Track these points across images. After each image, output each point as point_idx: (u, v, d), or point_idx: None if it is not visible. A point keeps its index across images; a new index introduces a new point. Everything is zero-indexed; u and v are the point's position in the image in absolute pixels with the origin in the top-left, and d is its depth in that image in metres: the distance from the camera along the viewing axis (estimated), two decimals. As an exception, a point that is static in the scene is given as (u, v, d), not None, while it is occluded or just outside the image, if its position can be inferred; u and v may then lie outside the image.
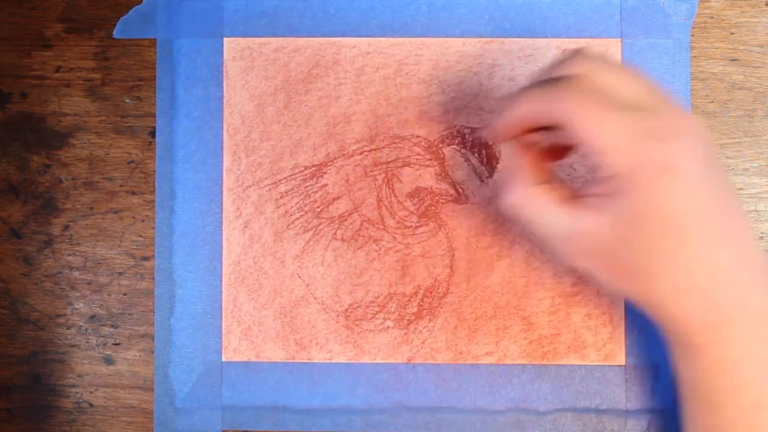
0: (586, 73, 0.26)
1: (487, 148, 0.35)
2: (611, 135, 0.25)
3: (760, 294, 0.26)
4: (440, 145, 0.35)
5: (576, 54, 0.27)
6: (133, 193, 0.36)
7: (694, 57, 0.35)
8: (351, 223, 0.35)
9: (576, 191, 0.28)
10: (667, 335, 0.28)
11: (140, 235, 0.36)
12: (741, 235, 0.27)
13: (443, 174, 0.35)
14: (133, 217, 0.36)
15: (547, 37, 0.35)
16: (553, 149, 0.29)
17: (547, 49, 0.35)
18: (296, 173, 0.35)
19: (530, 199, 0.28)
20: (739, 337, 0.26)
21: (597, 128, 0.25)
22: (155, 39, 0.36)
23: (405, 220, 0.35)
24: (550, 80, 0.27)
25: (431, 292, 0.35)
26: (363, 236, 0.35)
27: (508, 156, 0.29)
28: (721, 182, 0.26)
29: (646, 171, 0.25)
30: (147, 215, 0.36)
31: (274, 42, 0.36)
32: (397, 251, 0.35)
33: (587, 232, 0.27)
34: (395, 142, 0.35)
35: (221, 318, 0.35)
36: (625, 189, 0.25)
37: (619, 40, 0.35)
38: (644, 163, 0.25)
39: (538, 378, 0.34)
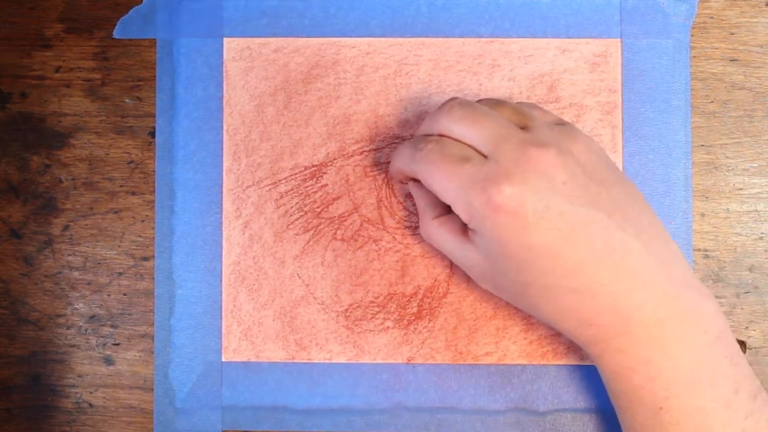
0: (443, 130, 0.29)
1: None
2: (451, 188, 0.28)
3: (639, 305, 0.27)
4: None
5: (441, 108, 0.29)
6: (133, 193, 0.36)
7: (694, 57, 0.35)
8: (351, 223, 0.35)
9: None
10: None
11: (140, 235, 0.36)
12: (615, 250, 0.27)
13: (443, 174, 0.35)
14: (133, 217, 0.36)
15: (547, 37, 0.35)
16: None
17: (547, 49, 0.35)
18: (296, 173, 0.35)
19: (432, 230, 0.31)
20: (621, 347, 0.28)
21: (441, 183, 0.28)
22: (155, 39, 0.36)
23: (405, 220, 0.35)
24: (415, 140, 0.30)
25: (431, 292, 0.35)
26: (363, 236, 0.35)
27: (413, 193, 0.32)
28: (579, 206, 0.27)
29: (481, 214, 0.27)
30: (147, 215, 0.36)
31: (274, 42, 0.36)
32: (397, 251, 0.35)
33: (473, 262, 0.30)
34: (395, 142, 0.35)
35: (221, 318, 0.35)
36: (477, 230, 0.28)
37: (619, 40, 0.35)
38: (477, 207, 0.27)
39: (538, 378, 0.34)
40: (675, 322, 0.27)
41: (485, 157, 0.28)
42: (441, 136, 0.29)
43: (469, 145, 0.28)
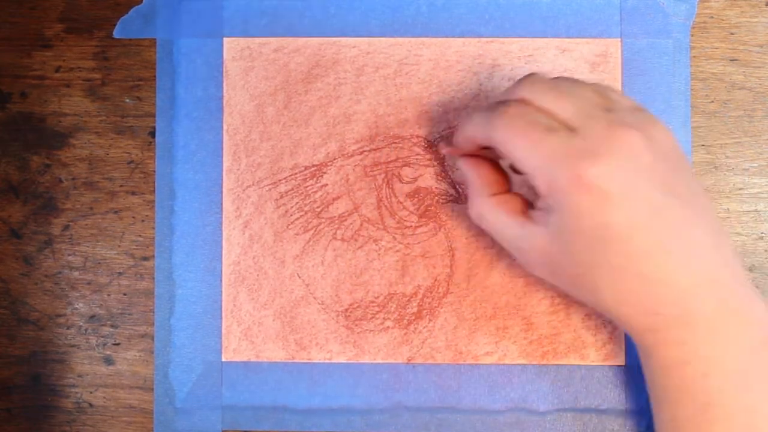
0: (527, 98, 0.28)
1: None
2: (535, 158, 0.27)
3: (704, 299, 0.27)
4: (440, 145, 0.35)
5: (522, 79, 0.29)
6: (133, 193, 0.36)
7: (694, 57, 0.35)
8: (351, 223, 0.35)
9: (531, 202, 0.30)
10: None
11: (140, 235, 0.36)
12: (686, 242, 0.27)
13: (443, 174, 0.35)
14: (133, 217, 0.36)
15: (547, 37, 0.35)
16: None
17: (547, 49, 0.35)
18: (296, 173, 0.35)
19: (487, 209, 0.30)
20: (681, 340, 0.28)
21: (523, 152, 0.27)
22: (155, 39, 0.36)
23: (405, 220, 0.35)
24: (492, 105, 0.29)
25: (431, 292, 0.35)
26: (363, 236, 0.35)
27: (464, 170, 0.31)
28: (660, 193, 0.27)
29: (565, 190, 0.27)
30: (147, 215, 0.36)
31: (274, 42, 0.36)
32: (397, 251, 0.35)
33: (534, 244, 0.29)
34: (395, 142, 0.35)
35: (221, 318, 0.35)
36: (553, 206, 0.27)
37: (619, 40, 0.35)
38: (562, 182, 0.26)
39: (538, 378, 0.34)
40: (735, 320, 0.27)
41: (571, 131, 0.27)
42: (523, 102, 0.28)
43: (554, 117, 0.27)
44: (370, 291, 0.35)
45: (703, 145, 0.35)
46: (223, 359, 0.35)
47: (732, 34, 0.35)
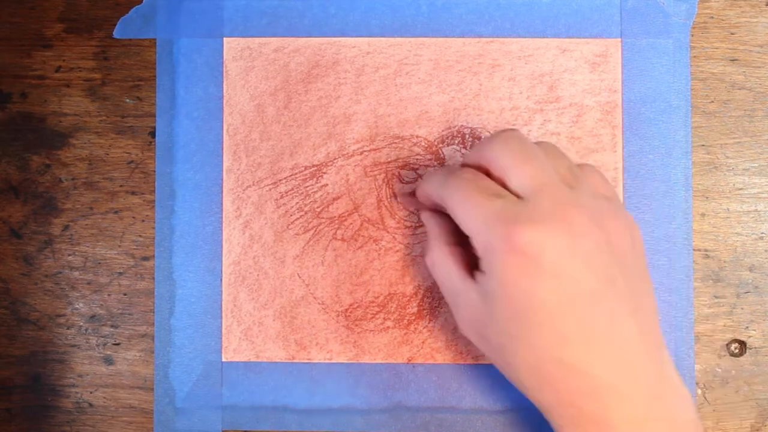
0: (487, 158, 0.28)
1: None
2: (475, 219, 0.27)
3: (625, 399, 0.26)
4: (440, 145, 0.35)
5: (498, 135, 0.29)
6: (133, 193, 0.36)
7: (694, 57, 0.35)
8: (351, 223, 0.35)
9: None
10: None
11: (140, 235, 0.36)
12: (613, 336, 0.26)
13: (443, 174, 0.35)
14: (133, 217, 0.36)
15: (547, 37, 0.35)
16: None
17: (547, 49, 0.35)
18: (296, 173, 0.35)
19: (439, 257, 0.30)
20: (597, 427, 0.26)
21: (466, 213, 0.28)
22: (155, 39, 0.36)
23: (405, 220, 0.35)
24: (450, 168, 0.29)
25: (431, 292, 0.35)
26: (363, 236, 0.35)
27: (426, 221, 0.32)
28: (594, 279, 0.26)
29: (496, 251, 0.26)
30: (147, 215, 0.36)
31: (274, 42, 0.36)
32: (397, 251, 0.35)
33: (468, 303, 0.29)
34: (395, 142, 0.35)
35: (221, 318, 0.35)
36: (487, 268, 0.27)
37: (619, 40, 0.35)
38: (495, 243, 0.26)
39: (538, 378, 0.34)
40: (656, 424, 0.26)
41: (518, 199, 0.27)
42: (480, 169, 0.29)
43: (507, 186, 0.28)
44: (370, 291, 0.35)
45: (703, 145, 0.35)
46: (223, 359, 0.35)
47: (732, 34, 0.35)
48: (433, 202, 0.31)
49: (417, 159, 0.35)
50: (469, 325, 0.29)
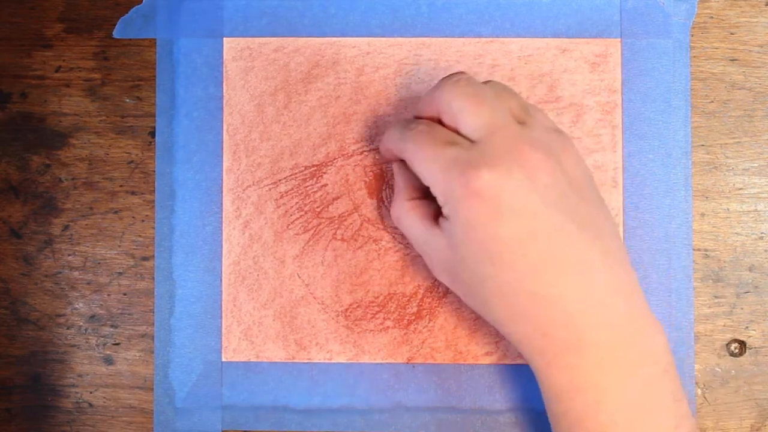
0: (438, 105, 0.29)
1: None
2: (433, 169, 0.28)
3: (596, 324, 0.27)
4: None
5: (444, 81, 0.29)
6: (133, 193, 0.36)
7: (694, 57, 0.35)
8: (351, 223, 0.35)
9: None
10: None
11: (140, 235, 0.36)
12: (580, 264, 0.27)
13: (443, 174, 0.35)
14: (133, 217, 0.36)
15: (547, 37, 0.35)
16: None
17: (547, 49, 0.35)
18: (296, 173, 0.35)
19: (403, 212, 0.31)
20: (572, 365, 0.27)
21: (424, 164, 0.28)
22: (155, 39, 0.36)
23: (405, 220, 0.35)
24: (406, 121, 0.30)
25: (431, 292, 0.35)
26: (363, 236, 0.35)
27: (395, 173, 0.32)
28: (555, 212, 0.26)
29: (457, 197, 0.27)
30: (147, 215, 0.36)
31: (274, 42, 0.36)
32: (397, 251, 0.35)
33: (437, 250, 0.29)
34: (395, 142, 0.35)
35: (221, 318, 0.35)
36: (450, 216, 0.28)
37: (619, 40, 0.35)
38: (455, 190, 0.27)
39: (538, 378, 0.34)
40: (628, 349, 0.27)
41: (473, 143, 0.27)
42: (433, 119, 0.29)
43: (455, 128, 0.28)
44: (370, 291, 0.35)
45: (703, 145, 0.35)
46: (223, 359, 0.35)
47: (732, 34, 0.35)
48: (394, 156, 0.31)
49: (417, 159, 0.35)
50: (442, 271, 0.30)
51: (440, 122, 0.29)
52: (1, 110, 0.36)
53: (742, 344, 0.35)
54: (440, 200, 0.28)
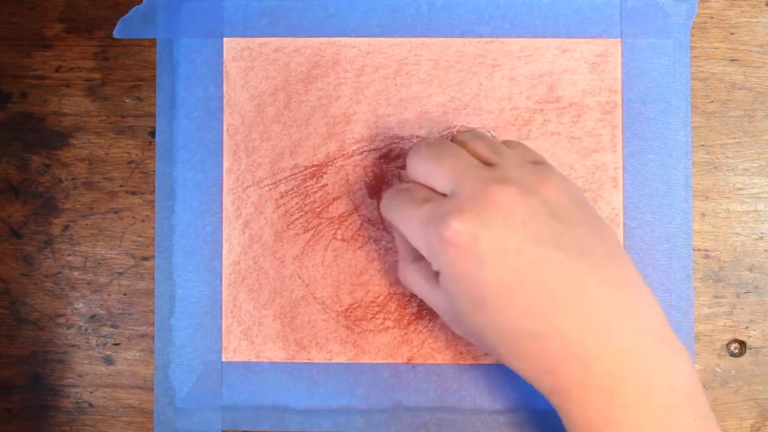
0: (411, 175, 0.30)
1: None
2: (414, 229, 0.28)
3: (603, 354, 0.25)
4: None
5: (409, 151, 0.30)
6: (133, 193, 0.36)
7: (694, 57, 0.35)
8: (351, 223, 0.35)
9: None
10: None
11: (140, 235, 0.36)
12: (577, 293, 0.26)
13: (443, 174, 0.35)
14: (133, 217, 0.36)
15: (547, 37, 0.35)
16: None
17: (547, 49, 0.35)
18: (296, 173, 0.35)
19: (408, 274, 0.31)
20: (585, 401, 0.26)
21: (406, 226, 0.29)
22: (155, 39, 0.36)
23: (405, 220, 0.35)
24: (391, 190, 0.30)
25: (431, 292, 0.35)
26: (363, 236, 0.35)
27: (395, 238, 0.33)
28: (536, 246, 0.26)
29: (437, 251, 0.27)
30: (147, 215, 0.36)
31: (274, 42, 0.36)
32: (397, 251, 0.35)
33: (440, 305, 0.29)
34: (395, 142, 0.35)
35: (221, 318, 0.35)
36: (438, 270, 0.28)
37: (619, 40, 0.35)
38: (434, 244, 0.27)
39: (538, 378, 0.34)
40: (638, 379, 0.25)
41: (445, 197, 0.28)
42: (414, 182, 0.30)
43: (432, 188, 0.29)
44: (370, 291, 0.35)
45: (703, 145, 0.35)
46: (223, 359, 0.35)
47: (732, 34, 0.35)
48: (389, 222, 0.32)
49: (417, 159, 0.35)
50: (450, 323, 0.30)
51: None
52: (1, 110, 0.36)
53: (742, 344, 0.35)
54: (427, 257, 0.28)
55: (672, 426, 0.25)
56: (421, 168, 0.29)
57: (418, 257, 0.31)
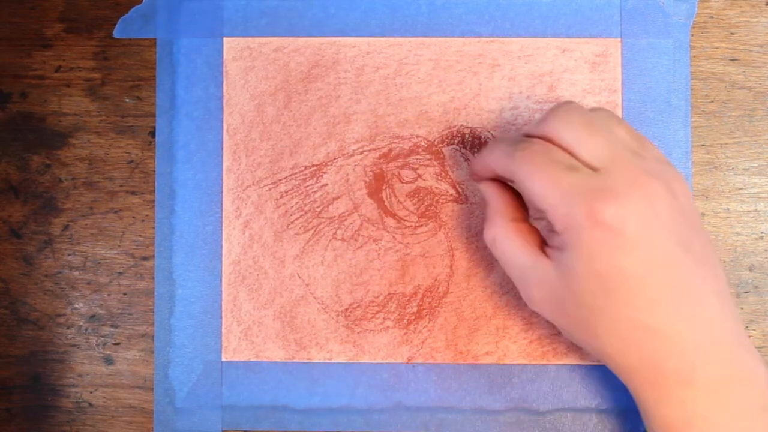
0: (553, 134, 0.28)
1: (487, 148, 0.35)
2: (553, 195, 0.27)
3: (708, 358, 0.27)
4: (440, 145, 0.35)
5: (555, 109, 0.28)
6: (133, 193, 0.36)
7: (694, 57, 0.35)
8: (351, 223, 0.35)
9: (545, 238, 0.29)
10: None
11: (140, 235, 0.36)
12: (695, 299, 0.27)
13: (443, 174, 0.35)
14: (133, 217, 0.36)
15: (547, 37, 0.35)
16: None
17: (547, 49, 0.35)
18: (296, 173, 0.35)
19: (503, 233, 0.29)
20: (683, 399, 0.27)
21: (542, 189, 0.27)
22: (155, 39, 0.36)
23: (405, 220, 0.35)
24: (516, 139, 0.29)
25: (431, 292, 0.35)
26: (363, 236, 0.35)
27: (486, 193, 0.31)
28: (675, 245, 0.26)
29: (580, 227, 0.26)
30: (147, 215, 0.36)
31: (274, 42, 0.36)
32: (397, 251, 0.35)
33: (542, 279, 0.28)
34: (395, 142, 0.35)
35: (221, 318, 0.35)
36: (568, 244, 0.27)
37: (619, 40, 0.35)
38: (578, 219, 0.26)
39: (538, 378, 0.34)
40: (738, 384, 0.27)
41: (594, 171, 0.27)
42: (546, 140, 0.28)
43: (574, 154, 0.27)
44: (370, 291, 0.35)
45: (703, 145, 0.35)
46: (223, 359, 0.35)
47: (732, 34, 0.35)
48: (495, 175, 0.30)
49: (417, 159, 0.35)
50: (542, 302, 0.29)
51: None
52: (1, 110, 0.36)
53: (742, 344, 0.35)
54: (558, 227, 0.27)
55: (760, 426, 0.27)
56: (568, 131, 0.27)
57: (518, 218, 0.30)
